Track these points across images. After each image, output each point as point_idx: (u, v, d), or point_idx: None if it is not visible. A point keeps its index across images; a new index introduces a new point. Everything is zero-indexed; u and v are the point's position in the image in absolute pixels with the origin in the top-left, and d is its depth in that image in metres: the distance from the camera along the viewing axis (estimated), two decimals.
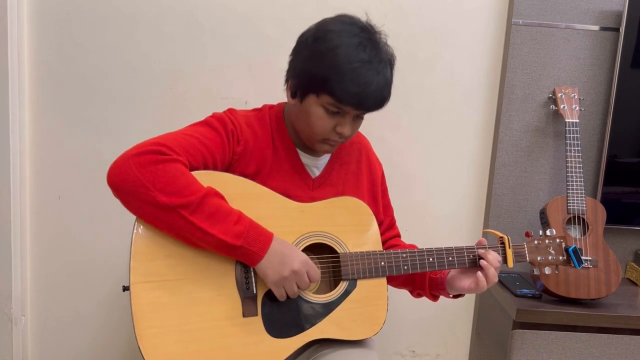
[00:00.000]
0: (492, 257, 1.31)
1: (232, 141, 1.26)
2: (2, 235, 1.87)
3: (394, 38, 1.93)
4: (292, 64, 1.29)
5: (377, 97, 1.22)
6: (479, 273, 1.30)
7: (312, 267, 1.21)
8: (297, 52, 1.28)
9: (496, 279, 1.32)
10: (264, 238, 1.16)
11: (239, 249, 1.14)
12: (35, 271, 1.97)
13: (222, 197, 1.16)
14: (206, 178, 1.18)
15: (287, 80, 1.30)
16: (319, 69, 1.20)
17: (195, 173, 1.17)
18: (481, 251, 1.33)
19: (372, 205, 1.42)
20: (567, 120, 1.80)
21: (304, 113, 1.26)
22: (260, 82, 1.91)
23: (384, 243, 1.42)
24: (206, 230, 1.11)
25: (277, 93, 1.40)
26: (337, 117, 1.24)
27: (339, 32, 1.20)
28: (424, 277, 1.40)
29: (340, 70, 1.17)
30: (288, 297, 1.21)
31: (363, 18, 1.27)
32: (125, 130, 1.90)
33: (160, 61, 1.88)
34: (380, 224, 1.42)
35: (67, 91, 1.88)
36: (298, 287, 1.20)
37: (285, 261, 1.17)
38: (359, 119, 1.29)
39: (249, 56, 1.90)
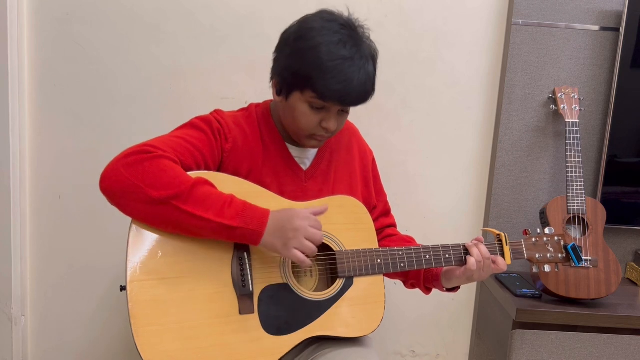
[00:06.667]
0: (477, 252, 1.32)
1: (220, 139, 1.28)
2: (2, 235, 1.88)
3: (394, 38, 1.95)
4: (276, 61, 1.31)
5: (360, 93, 1.25)
6: (467, 265, 1.32)
7: (311, 220, 1.20)
8: (280, 50, 1.31)
9: (489, 271, 1.33)
10: (259, 215, 1.16)
11: (237, 230, 1.14)
12: (35, 271, 1.97)
13: (212, 185, 1.17)
14: None
15: (272, 78, 1.33)
16: (301, 66, 1.22)
17: (189, 174, 1.17)
18: (469, 244, 1.34)
19: (364, 189, 1.44)
20: (567, 120, 1.80)
21: (289, 109, 1.28)
22: (260, 82, 1.88)
23: (379, 230, 1.43)
24: (201, 216, 1.12)
25: None
26: (322, 112, 1.27)
27: (319, 30, 1.22)
28: (419, 269, 1.41)
29: (322, 68, 1.20)
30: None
31: (345, 13, 1.28)
32: (125, 130, 1.90)
33: (160, 61, 1.89)
34: (373, 209, 1.43)
35: (67, 91, 1.88)
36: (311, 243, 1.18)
37: (284, 225, 1.17)
38: (343, 113, 1.31)
39: (249, 56, 1.90)
